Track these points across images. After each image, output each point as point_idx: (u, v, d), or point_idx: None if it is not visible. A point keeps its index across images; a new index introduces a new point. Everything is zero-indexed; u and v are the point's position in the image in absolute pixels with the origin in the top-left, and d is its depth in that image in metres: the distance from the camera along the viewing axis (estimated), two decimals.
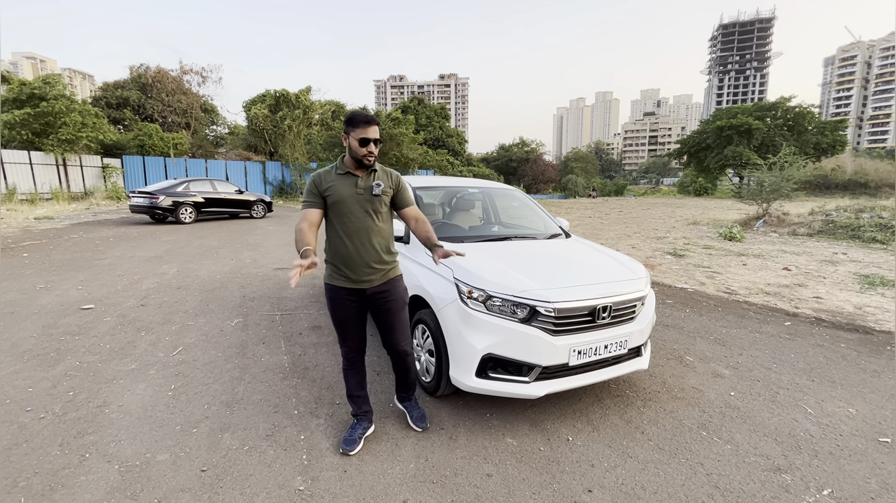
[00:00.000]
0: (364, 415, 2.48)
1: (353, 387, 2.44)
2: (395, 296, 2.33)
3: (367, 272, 2.23)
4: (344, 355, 2.42)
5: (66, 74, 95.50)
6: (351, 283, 2.23)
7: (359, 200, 2.20)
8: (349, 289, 2.24)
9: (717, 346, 3.98)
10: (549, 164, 54.64)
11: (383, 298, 2.30)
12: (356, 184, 2.21)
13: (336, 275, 2.26)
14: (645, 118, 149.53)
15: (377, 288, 2.28)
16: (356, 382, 2.44)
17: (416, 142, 29.17)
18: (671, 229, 13.07)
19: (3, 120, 17.38)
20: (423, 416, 2.58)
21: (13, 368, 3.26)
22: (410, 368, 2.54)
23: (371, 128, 2.14)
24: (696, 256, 8.47)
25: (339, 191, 2.18)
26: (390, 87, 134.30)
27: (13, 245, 8.52)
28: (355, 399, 2.46)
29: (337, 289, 2.26)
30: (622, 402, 2.94)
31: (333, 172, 2.23)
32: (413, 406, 2.63)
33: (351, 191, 2.19)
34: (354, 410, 2.48)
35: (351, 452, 2.31)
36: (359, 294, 2.26)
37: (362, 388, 2.47)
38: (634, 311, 2.80)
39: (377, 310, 2.33)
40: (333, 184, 2.19)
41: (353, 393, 2.45)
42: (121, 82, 30.54)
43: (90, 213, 14.81)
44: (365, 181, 2.23)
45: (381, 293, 2.29)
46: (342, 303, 2.27)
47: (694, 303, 5.40)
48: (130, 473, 2.16)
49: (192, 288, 5.60)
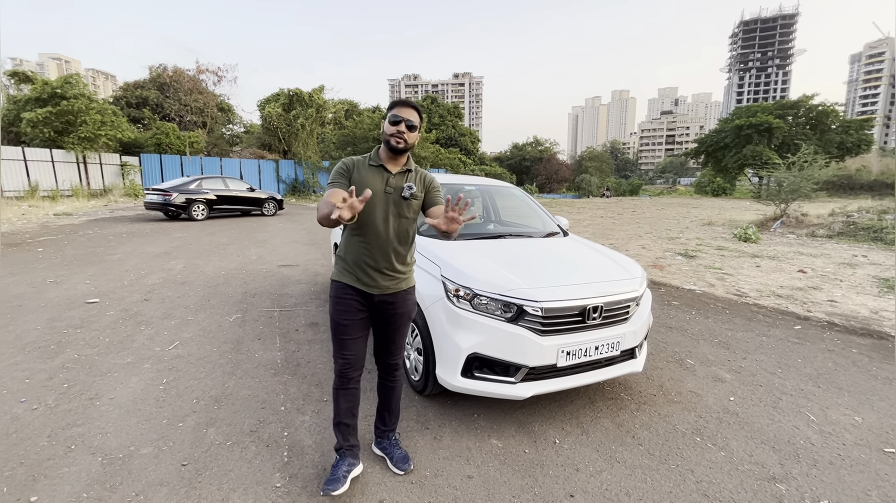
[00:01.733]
0: (350, 449, 2.09)
1: (344, 413, 2.07)
2: (403, 308, 2.09)
3: (379, 278, 1.99)
4: (338, 370, 2.05)
5: (90, 75, 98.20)
6: (360, 285, 2.00)
7: (385, 199, 1.95)
8: (358, 290, 2.00)
9: (720, 350, 3.86)
10: (563, 164, 54.13)
11: (391, 310, 2.06)
12: (387, 181, 1.97)
13: (345, 273, 2.03)
14: (662, 117, 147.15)
15: (387, 297, 2.03)
16: (348, 407, 2.08)
17: (429, 140, 29.19)
18: (685, 230, 12.81)
19: (26, 118, 17.91)
20: (405, 457, 2.20)
21: (14, 359, 3.33)
22: (397, 387, 2.24)
23: (407, 109, 1.93)
24: (708, 257, 8.27)
25: (367, 183, 1.92)
26: (404, 86, 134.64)
27: (30, 240, 8.75)
28: (343, 429, 2.08)
29: (344, 288, 2.01)
30: (615, 406, 2.86)
31: (366, 163, 2.00)
32: (393, 445, 2.24)
33: (379, 187, 1.94)
34: (340, 443, 2.09)
35: (334, 492, 1.94)
36: (367, 298, 2.02)
37: (353, 416, 2.10)
38: (628, 312, 2.72)
39: (381, 320, 2.09)
40: (363, 174, 1.96)
41: (342, 420, 2.08)
42: (140, 82, 31.19)
43: (107, 210, 15.16)
44: (397, 180, 1.99)
45: (390, 303, 2.05)
46: (347, 304, 2.00)
47: (701, 305, 5.26)
48: (112, 466, 2.17)
49: (196, 283, 5.66)
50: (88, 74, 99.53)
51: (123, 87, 32.53)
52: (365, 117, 29.41)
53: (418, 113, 1.97)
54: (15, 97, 19.84)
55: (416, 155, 27.25)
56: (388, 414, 2.26)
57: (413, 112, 1.95)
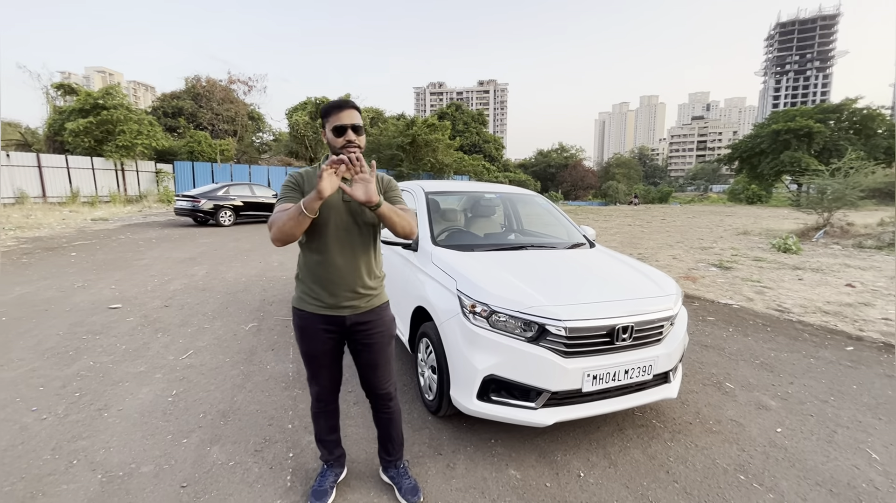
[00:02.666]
0: (336, 460, 2.10)
1: (324, 432, 2.04)
2: (380, 327, 1.91)
3: (350, 297, 1.81)
4: (315, 395, 1.98)
5: (132, 87, 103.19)
6: (327, 310, 1.81)
7: (345, 210, 1.78)
8: (325, 316, 1.82)
9: (763, 372, 3.54)
10: (589, 170, 53.32)
11: (367, 330, 1.87)
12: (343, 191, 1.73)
13: (308, 299, 1.82)
14: (693, 122, 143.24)
15: (360, 317, 1.85)
16: (328, 426, 2.04)
17: (452, 147, 29.18)
18: (718, 239, 12.22)
19: (69, 128, 18.82)
20: (414, 489, 2.04)
21: (32, 366, 3.34)
22: (395, 417, 2.06)
23: (345, 112, 1.72)
24: (745, 269, 7.80)
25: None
26: (430, 93, 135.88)
27: (66, 244, 9.07)
28: (326, 444, 2.07)
29: (309, 317, 1.83)
30: (646, 434, 2.61)
31: (317, 176, 1.71)
32: (402, 474, 2.09)
33: (335, 198, 1.74)
34: (325, 456, 2.09)
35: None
36: (337, 323, 1.83)
37: (335, 432, 2.08)
38: (661, 333, 2.48)
39: (358, 345, 1.90)
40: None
41: (323, 437, 2.05)
42: (177, 93, 32.44)
43: (141, 216, 15.69)
44: None
45: (365, 323, 1.86)
46: (315, 334, 1.84)
47: (739, 321, 4.90)
48: (111, 485, 2.09)
49: (216, 290, 5.67)
50: (130, 86, 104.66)
51: (161, 97, 33.91)
52: (389, 125, 29.68)
53: (358, 110, 1.77)
54: (60, 108, 20.89)
55: (440, 162, 27.32)
56: (391, 444, 2.09)
57: (354, 112, 1.75)
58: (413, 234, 1.81)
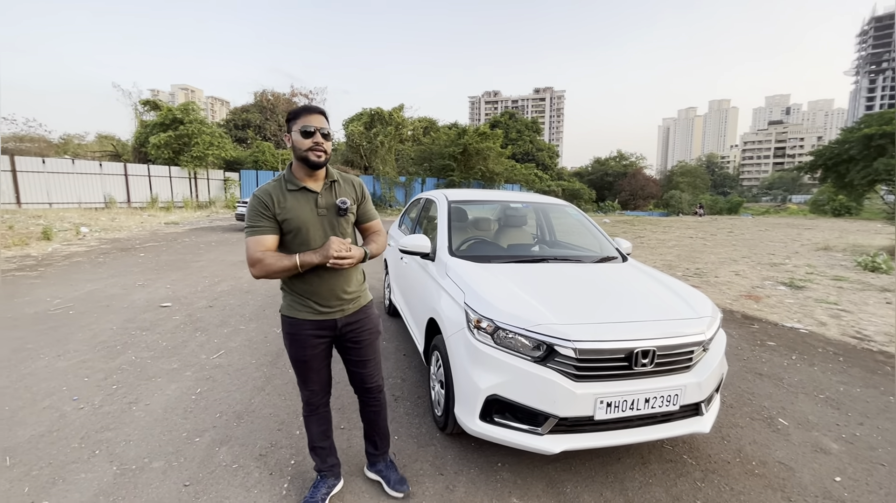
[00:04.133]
0: (330, 469, 2.08)
1: (317, 437, 2.05)
2: (368, 325, 1.98)
3: (338, 303, 1.87)
4: (306, 400, 2.01)
5: (209, 102, 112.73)
6: (319, 315, 1.85)
7: (322, 223, 1.79)
8: (316, 321, 1.85)
9: (827, 409, 3.09)
10: (650, 179, 50.63)
11: (356, 328, 1.94)
12: (316, 202, 1.78)
13: (298, 307, 1.85)
14: (770, 127, 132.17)
15: (350, 317, 1.92)
16: (320, 431, 2.05)
17: (504, 156, 28.95)
18: (792, 255, 11.07)
19: (152, 141, 20.84)
20: (402, 479, 2.13)
21: (83, 357, 3.63)
22: (382, 410, 2.13)
23: (313, 116, 1.72)
24: (821, 289, 6.97)
25: (295, 213, 1.74)
26: (484, 102, 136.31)
27: (138, 245, 9.95)
28: (319, 451, 2.06)
29: (299, 324, 1.85)
30: (674, 471, 2.35)
31: (283, 189, 1.76)
32: (389, 467, 2.17)
33: (310, 213, 1.76)
34: (318, 465, 2.08)
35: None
36: (328, 327, 1.88)
37: (327, 438, 2.08)
38: (691, 359, 2.22)
39: (348, 343, 1.96)
40: (289, 205, 1.74)
41: (316, 444, 2.05)
42: (246, 106, 34.97)
43: (208, 220, 16.94)
44: (326, 198, 1.80)
45: (355, 323, 1.93)
46: (305, 341, 1.87)
47: (805, 348, 4.35)
48: (123, 477, 2.18)
49: (258, 292, 5.93)
50: (208, 101, 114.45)
51: (232, 111, 36.70)
52: (442, 133, 30.03)
53: (323, 115, 1.76)
54: (146, 122, 23.21)
55: (491, 171, 27.19)
56: (378, 438, 2.17)
57: (322, 118, 1.74)
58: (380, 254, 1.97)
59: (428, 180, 27.87)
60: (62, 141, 27.12)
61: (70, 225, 12.23)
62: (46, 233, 9.99)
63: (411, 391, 3.21)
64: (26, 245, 9.16)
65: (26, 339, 3.99)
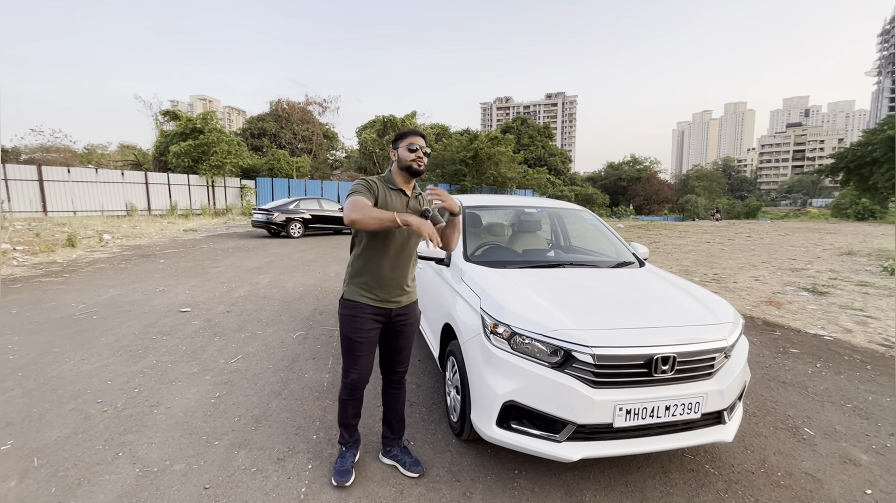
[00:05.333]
0: (355, 443, 2.38)
1: (350, 417, 2.31)
2: (412, 319, 2.31)
3: (398, 293, 2.19)
4: (349, 383, 2.22)
5: (226, 111, 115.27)
6: (379, 303, 2.16)
7: None
8: (375, 307, 2.16)
9: (855, 419, 3.00)
10: (664, 183, 50.07)
11: (403, 321, 2.26)
12: (407, 203, 2.17)
13: (363, 293, 2.15)
14: (788, 130, 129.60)
15: (402, 309, 2.24)
16: (355, 410, 2.32)
17: (515, 161, 28.94)
18: (814, 259, 10.80)
19: (172, 150, 21.37)
20: (416, 461, 2.33)
21: (106, 361, 3.72)
22: (402, 396, 2.41)
23: (419, 137, 2.17)
24: (845, 295, 6.78)
25: (392, 205, 2.09)
26: (496, 108, 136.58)
27: (158, 252, 10.18)
28: (348, 427, 2.33)
29: (361, 307, 2.15)
30: (696, 481, 2.29)
31: (386, 185, 2.13)
32: (404, 452, 2.38)
33: (402, 208, 2.13)
34: (345, 438, 2.35)
35: (346, 483, 2.19)
36: (383, 314, 2.18)
37: (357, 416, 2.36)
38: (712, 366, 2.18)
39: (393, 331, 2.27)
40: (387, 195, 2.10)
41: (349, 422, 2.32)
42: (262, 115, 35.61)
43: (225, 227, 17.24)
44: (414, 203, 2.20)
45: (403, 315, 2.25)
46: (365, 323, 2.15)
47: (830, 355, 4.23)
48: (145, 479, 2.22)
49: (274, 298, 6.01)
50: (225, 111, 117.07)
51: (249, 120, 37.41)
52: (454, 140, 30.14)
53: (426, 140, 2.20)
54: (166, 132, 23.81)
55: (503, 175, 27.17)
56: (396, 421, 2.39)
57: (423, 140, 2.18)
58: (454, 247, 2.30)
59: (440, 186, 27.99)
60: (86, 151, 28.00)
61: (93, 232, 12.57)
62: (71, 240, 10.28)
63: (427, 397, 3.20)
64: (52, 252, 9.44)
65: (52, 343, 4.10)
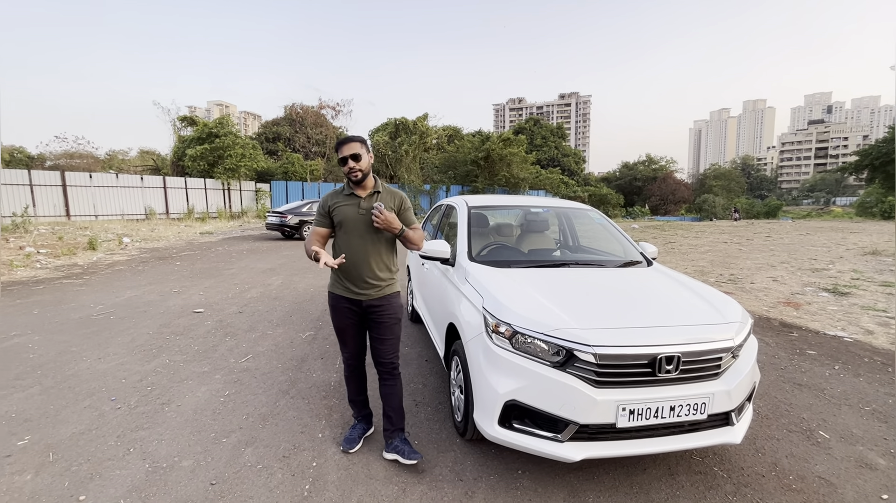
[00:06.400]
0: (364, 418, 2.64)
1: (354, 393, 2.60)
2: (389, 311, 2.42)
3: (364, 286, 2.35)
4: (344, 361, 2.56)
5: (242, 116, 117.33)
6: (349, 294, 2.38)
7: (360, 220, 2.32)
8: (348, 298, 2.39)
9: (873, 422, 2.90)
10: (681, 183, 49.24)
11: (378, 312, 2.40)
12: (359, 204, 2.33)
13: (337, 285, 2.43)
14: (810, 127, 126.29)
15: (373, 302, 2.38)
16: (356, 387, 2.59)
17: (528, 162, 28.79)
18: (837, 259, 10.50)
19: (189, 154, 21.82)
20: (414, 450, 2.42)
21: (121, 360, 3.81)
22: (396, 390, 2.49)
23: (345, 146, 2.26)
24: (868, 296, 6.58)
25: (343, 211, 2.33)
26: (509, 109, 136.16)
27: (175, 254, 10.40)
28: (356, 403, 2.62)
29: (337, 298, 2.43)
30: (703, 484, 2.25)
31: (341, 194, 2.39)
32: (403, 442, 2.45)
33: (353, 211, 2.33)
34: (355, 414, 2.64)
35: (351, 450, 2.47)
36: (356, 304, 2.39)
37: (362, 393, 2.62)
38: (719, 366, 2.14)
39: (372, 323, 2.43)
40: (339, 205, 2.35)
41: (353, 398, 2.61)
42: (277, 119, 36.16)
43: (240, 230, 17.53)
44: (367, 202, 2.33)
45: (377, 307, 2.39)
46: (341, 311, 2.43)
47: (850, 357, 4.11)
48: (154, 474, 2.27)
49: (286, 299, 6.09)
50: (241, 116, 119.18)
51: (264, 124, 38.00)
52: (466, 142, 30.16)
53: (358, 142, 2.28)
54: (183, 137, 24.34)
55: (515, 176, 27.06)
56: (394, 414, 2.49)
57: (353, 145, 2.26)
58: (420, 247, 2.45)
59: (452, 188, 28.00)
60: (108, 157, 28.81)
61: (113, 235, 12.91)
62: (92, 243, 10.57)
63: (432, 397, 3.21)
64: (74, 254, 9.72)
65: (71, 343, 4.22)
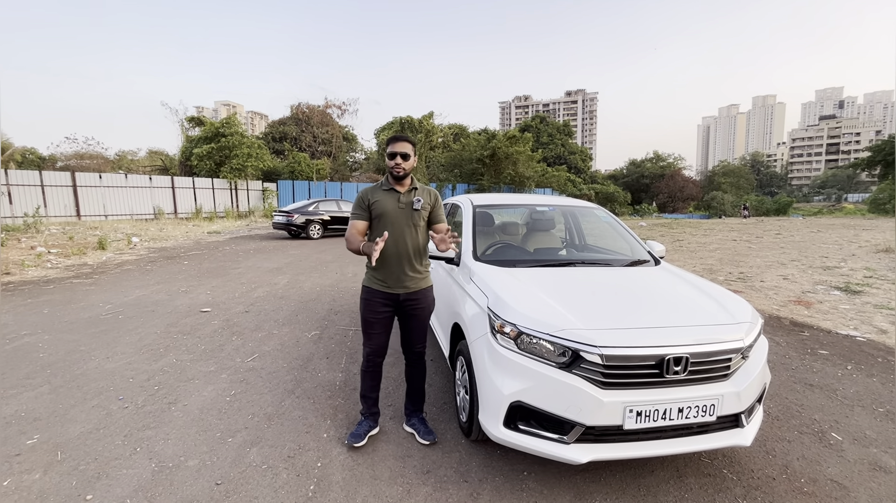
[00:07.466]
0: (372, 415, 2.66)
1: (368, 389, 2.62)
2: (424, 303, 2.52)
3: (403, 279, 2.43)
4: (365, 356, 2.58)
5: (249, 116, 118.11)
6: (386, 288, 2.45)
7: (400, 214, 2.41)
8: (384, 292, 2.45)
9: (888, 424, 2.85)
10: (689, 180, 48.72)
11: (413, 305, 2.49)
12: (398, 199, 2.42)
13: (374, 279, 2.48)
14: (821, 122, 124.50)
15: (410, 294, 2.47)
16: (371, 384, 2.61)
17: (534, 160, 28.65)
18: (849, 257, 10.33)
19: (195, 153, 21.97)
20: (430, 431, 2.59)
21: (129, 360, 3.84)
22: (421, 374, 2.64)
23: (398, 143, 2.38)
24: (881, 294, 6.46)
25: (383, 205, 2.40)
26: (515, 107, 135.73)
27: (183, 254, 10.48)
28: (367, 399, 2.63)
29: (372, 292, 2.49)
30: (712, 486, 2.22)
31: (380, 188, 2.46)
32: (421, 423, 2.65)
33: (393, 205, 2.41)
34: (364, 410, 2.65)
35: (356, 444, 2.51)
36: (392, 299, 2.46)
37: (376, 391, 2.65)
38: (729, 367, 2.10)
39: (405, 315, 2.52)
40: (379, 199, 2.42)
41: (366, 394, 2.62)
42: (283, 119, 36.28)
43: (247, 229, 17.62)
44: (406, 197, 2.43)
45: (412, 300, 2.48)
46: (374, 306, 2.48)
47: (862, 357, 4.04)
48: (161, 474, 2.28)
49: (292, 298, 6.10)
50: (248, 115, 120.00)
51: (270, 124, 38.16)
52: (472, 140, 30.08)
53: (409, 143, 2.41)
54: (191, 137, 24.52)
55: (521, 174, 26.97)
56: (416, 396, 2.67)
57: (405, 144, 2.38)
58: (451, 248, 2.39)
59: (458, 186, 27.95)
60: (117, 157, 29.10)
61: (123, 235, 13.03)
62: (101, 243, 10.68)
63: (437, 397, 3.20)
64: (84, 254, 9.83)
65: (80, 342, 4.26)
